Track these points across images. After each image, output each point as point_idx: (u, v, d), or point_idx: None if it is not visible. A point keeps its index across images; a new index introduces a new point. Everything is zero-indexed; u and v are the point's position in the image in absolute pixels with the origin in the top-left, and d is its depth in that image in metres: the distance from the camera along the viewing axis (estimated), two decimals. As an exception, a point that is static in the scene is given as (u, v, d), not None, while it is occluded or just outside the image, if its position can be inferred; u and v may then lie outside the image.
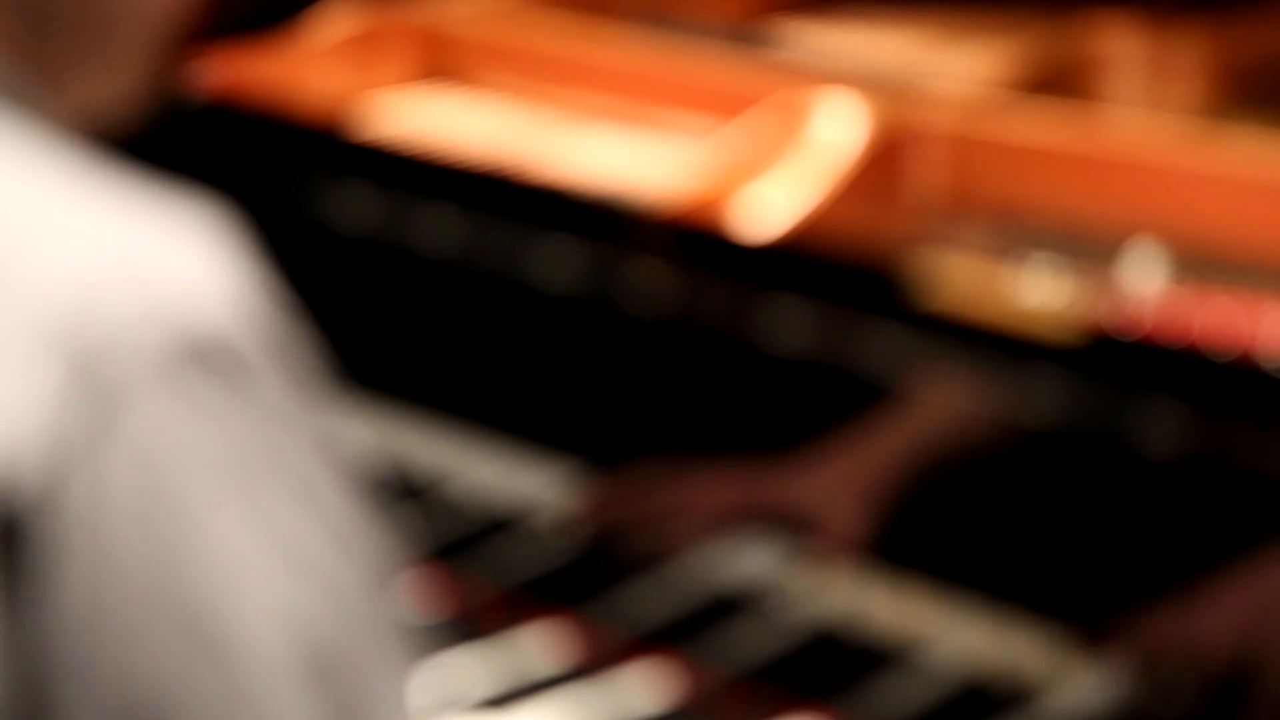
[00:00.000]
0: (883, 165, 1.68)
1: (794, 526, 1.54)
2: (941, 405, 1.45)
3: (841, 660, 1.53)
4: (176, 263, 0.92)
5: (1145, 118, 1.79)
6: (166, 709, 0.90)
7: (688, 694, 1.55)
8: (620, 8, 2.02)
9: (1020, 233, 1.68)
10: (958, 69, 1.87)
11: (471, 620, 1.64)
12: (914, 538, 1.49)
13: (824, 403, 1.51)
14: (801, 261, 1.57)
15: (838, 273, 1.54)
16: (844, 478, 1.50)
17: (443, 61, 1.97)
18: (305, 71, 1.92)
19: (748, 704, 1.54)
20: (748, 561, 1.57)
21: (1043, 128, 1.67)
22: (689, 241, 1.61)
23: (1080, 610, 1.42)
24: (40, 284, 0.90)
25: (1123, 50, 1.82)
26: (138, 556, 0.89)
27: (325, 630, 0.92)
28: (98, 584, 0.89)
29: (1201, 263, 1.60)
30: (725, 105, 1.77)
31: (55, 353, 0.89)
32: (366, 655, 0.94)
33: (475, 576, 1.67)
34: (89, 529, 0.89)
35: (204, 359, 0.90)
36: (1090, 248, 1.64)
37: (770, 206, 1.63)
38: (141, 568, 0.89)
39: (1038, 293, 1.58)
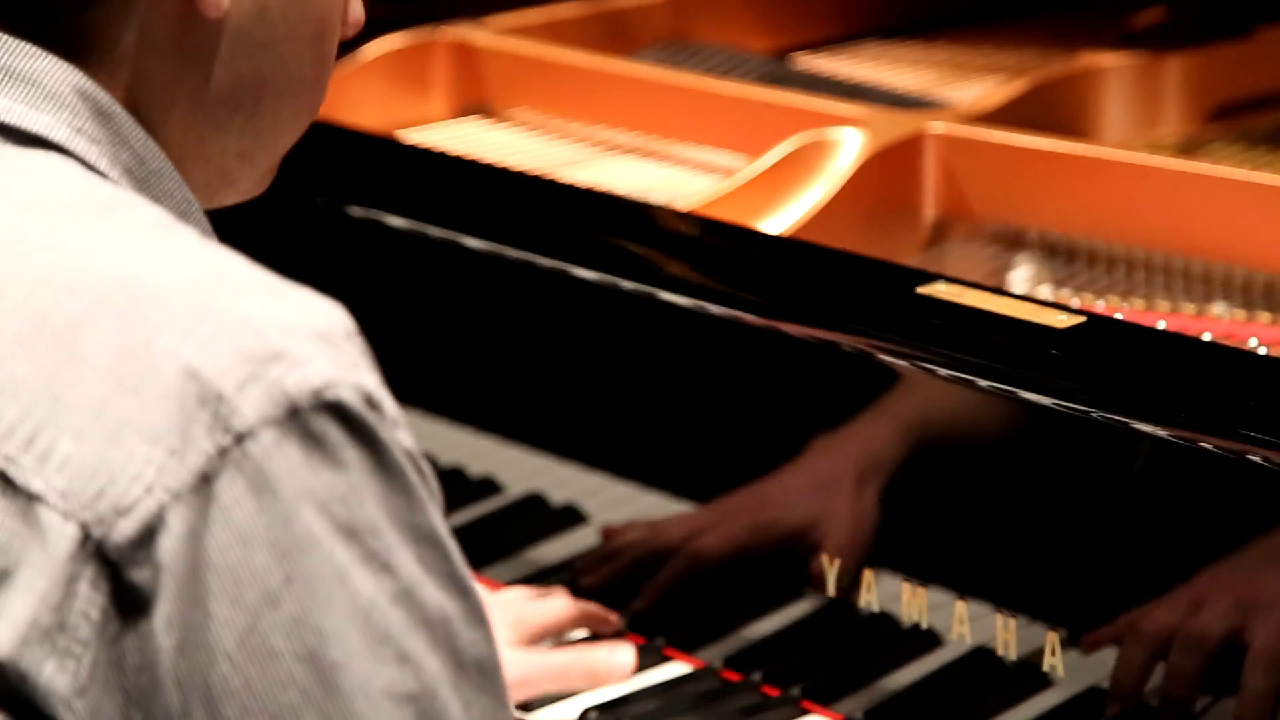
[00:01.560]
0: (891, 178, 1.70)
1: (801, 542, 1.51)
2: (939, 397, 1.43)
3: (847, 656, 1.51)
4: (307, 335, 0.93)
5: (1132, 138, 1.83)
6: (277, 716, 0.90)
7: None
8: (646, 36, 2.05)
9: (1013, 241, 1.71)
10: (963, 96, 1.91)
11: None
12: (903, 528, 1.48)
13: (830, 393, 1.49)
14: (811, 255, 1.57)
15: (843, 267, 1.54)
16: (844, 469, 1.48)
17: (477, 79, 1.98)
18: (347, 87, 1.91)
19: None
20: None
21: (1036, 147, 1.69)
22: (705, 237, 1.61)
23: (1067, 601, 1.40)
24: (187, 337, 0.92)
25: (1112, 81, 1.85)
26: (259, 576, 0.91)
27: (433, 672, 0.93)
28: (225, 604, 0.90)
29: (1181, 269, 1.63)
30: (749, 135, 1.78)
31: (188, 394, 0.91)
32: (468, 695, 0.95)
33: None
34: (213, 550, 0.90)
35: (329, 411, 0.92)
36: (1077, 254, 1.67)
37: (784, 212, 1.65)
38: (261, 590, 0.90)
39: (1029, 289, 1.62)
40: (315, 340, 0.93)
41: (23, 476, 0.92)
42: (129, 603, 0.91)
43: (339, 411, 0.92)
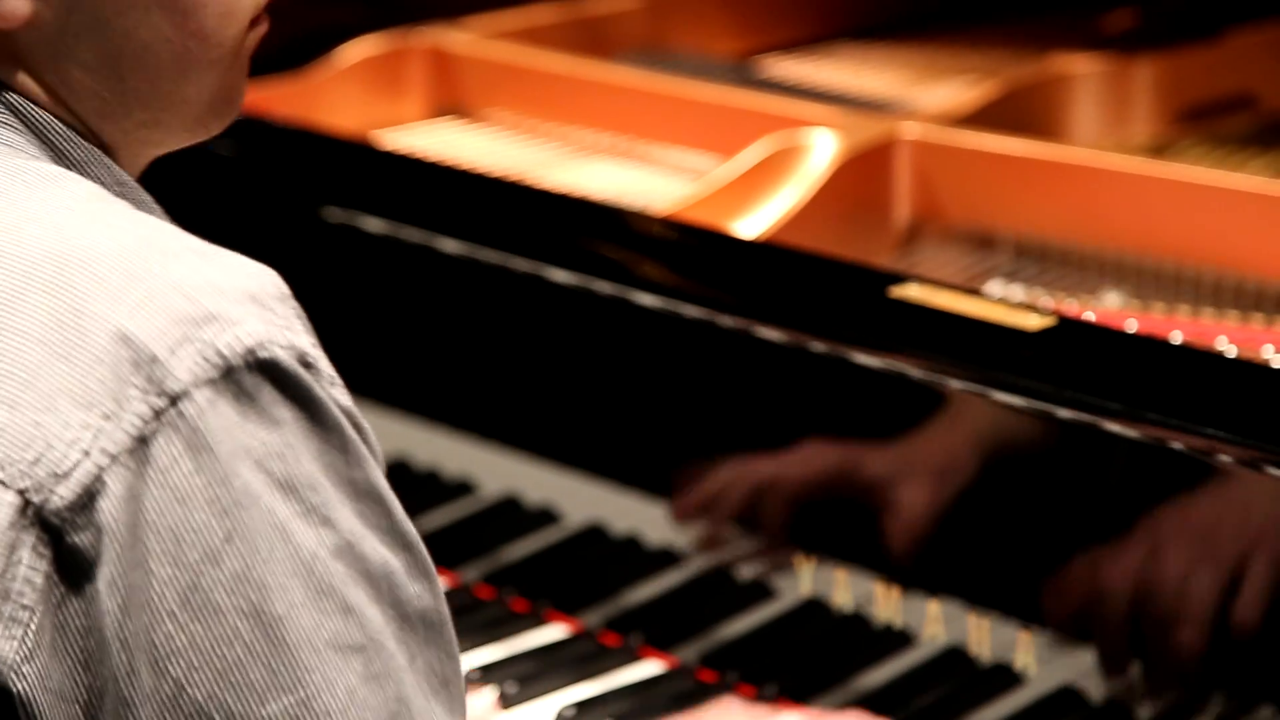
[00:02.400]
0: (863, 181, 1.70)
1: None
2: (911, 398, 1.42)
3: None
4: (238, 296, 0.94)
5: (1103, 141, 1.83)
6: (224, 673, 0.91)
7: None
8: (621, 42, 2.06)
9: (985, 242, 1.71)
10: (934, 99, 1.92)
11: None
12: (875, 527, 1.47)
13: (802, 395, 1.49)
14: (784, 258, 1.57)
15: (817, 269, 1.54)
16: (816, 469, 1.48)
17: (453, 82, 1.98)
18: (325, 90, 1.93)
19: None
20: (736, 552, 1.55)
21: (1007, 150, 1.69)
22: (679, 240, 1.62)
23: (1039, 600, 1.40)
24: (118, 302, 0.92)
25: (1083, 84, 1.86)
26: (200, 534, 0.91)
27: (377, 624, 0.94)
28: (167, 564, 0.91)
29: (1152, 270, 1.64)
30: (722, 138, 1.79)
31: (121, 359, 0.91)
32: (413, 648, 0.95)
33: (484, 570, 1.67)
34: (152, 510, 0.91)
35: (262, 370, 0.92)
36: (1047, 254, 1.68)
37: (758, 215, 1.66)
38: (202, 548, 0.91)
39: (1000, 291, 1.63)
40: (247, 301, 0.94)
41: None
42: (72, 567, 0.91)
43: (272, 370, 0.93)
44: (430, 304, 1.70)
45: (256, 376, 0.92)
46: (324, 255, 1.74)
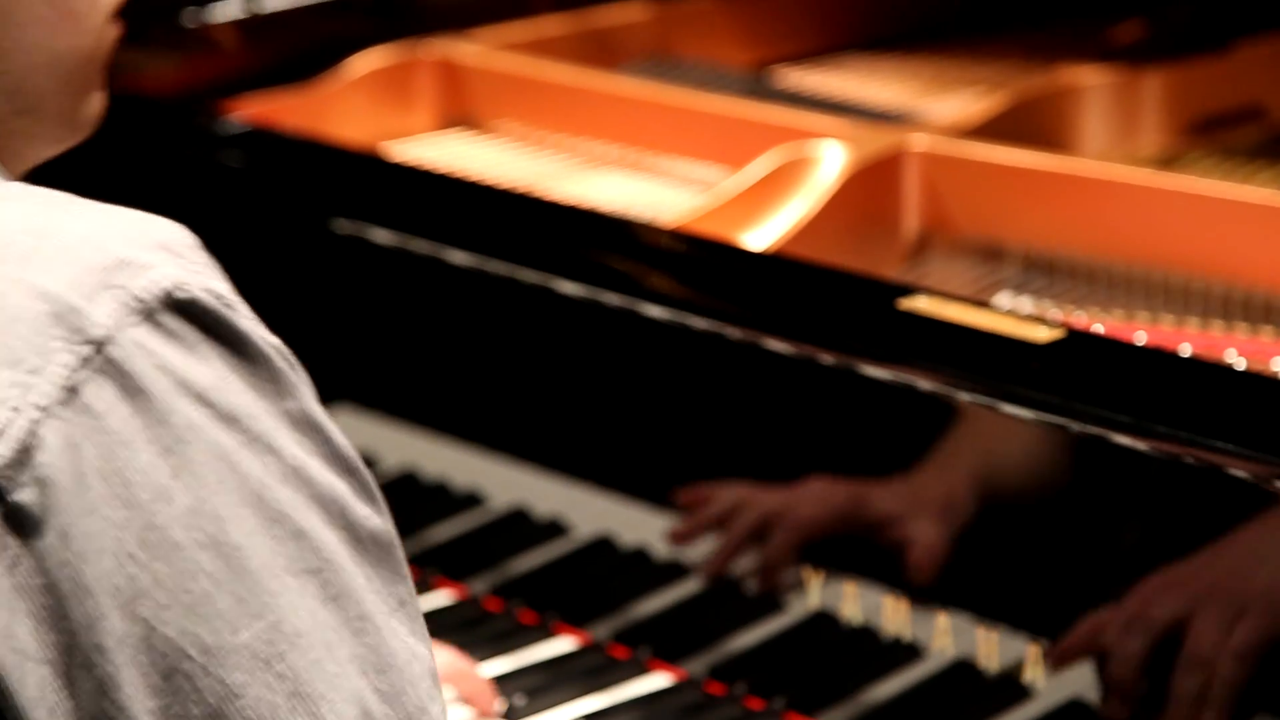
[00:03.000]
0: (872, 193, 1.70)
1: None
2: (920, 410, 1.42)
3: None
4: (149, 244, 0.94)
5: (1112, 153, 1.83)
6: (192, 607, 0.91)
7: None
8: (629, 53, 2.06)
9: (994, 254, 1.71)
10: (943, 111, 1.92)
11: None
12: (884, 540, 1.47)
13: (811, 407, 1.49)
14: (793, 270, 1.57)
15: (824, 282, 1.54)
16: (824, 481, 1.48)
17: (462, 94, 1.99)
18: (332, 102, 1.93)
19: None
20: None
21: (1016, 162, 1.69)
22: (688, 252, 1.62)
23: (1047, 613, 1.40)
24: (29, 262, 0.93)
25: (1092, 95, 1.86)
26: (147, 472, 0.91)
27: (331, 545, 0.94)
28: (119, 507, 0.91)
29: (1161, 283, 1.64)
30: (731, 149, 1.79)
31: (39, 314, 0.92)
32: (367, 568, 0.95)
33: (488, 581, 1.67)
34: (94, 456, 0.91)
35: (182, 310, 0.93)
36: (1057, 267, 1.68)
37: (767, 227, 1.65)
38: (152, 487, 0.91)
39: (1010, 301, 1.62)
40: (158, 249, 0.94)
41: None
42: (20, 524, 0.91)
43: (192, 308, 0.93)
44: (439, 316, 1.71)
45: (178, 316, 0.93)
46: (332, 267, 1.74)
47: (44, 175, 1.20)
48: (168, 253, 0.94)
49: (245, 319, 0.95)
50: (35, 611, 0.91)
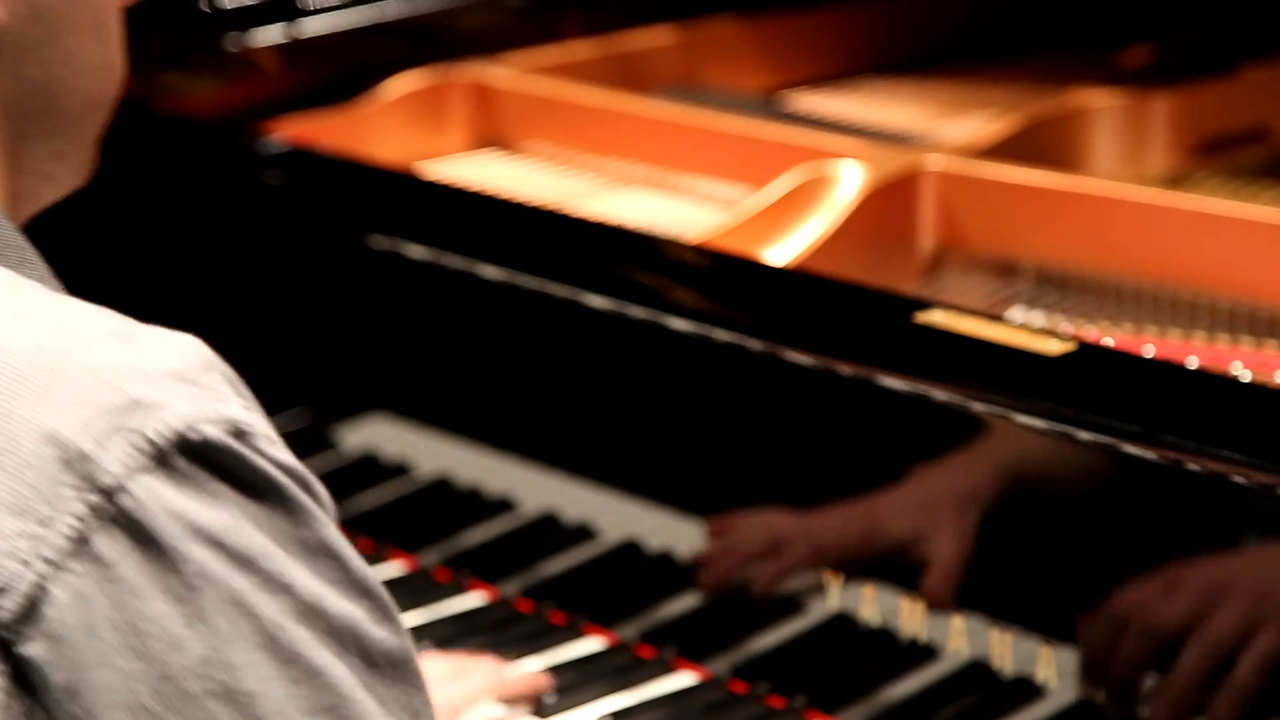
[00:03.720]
0: (889, 211, 1.70)
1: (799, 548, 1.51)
2: (935, 420, 1.42)
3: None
4: (162, 377, 0.90)
5: (1121, 173, 1.83)
6: None
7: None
8: (655, 77, 2.06)
9: (1007, 270, 1.71)
10: (958, 132, 1.92)
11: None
12: (901, 544, 1.47)
13: (830, 417, 1.49)
14: (812, 285, 1.57)
15: (845, 296, 1.54)
16: (843, 487, 1.48)
17: (493, 115, 1.98)
18: (369, 123, 1.93)
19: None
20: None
21: (1028, 181, 1.69)
22: (711, 267, 1.62)
23: (1059, 616, 1.39)
24: (41, 401, 0.89)
25: (1101, 117, 1.86)
26: (159, 624, 0.88)
27: (346, 680, 0.91)
28: (131, 659, 0.88)
29: (1169, 298, 1.63)
30: (753, 169, 1.79)
31: (49, 459, 0.88)
32: (381, 691, 0.93)
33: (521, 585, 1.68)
34: (105, 609, 0.88)
35: (194, 452, 0.89)
36: (1068, 282, 1.67)
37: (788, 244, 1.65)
38: (165, 638, 0.88)
39: (1023, 315, 1.62)
40: (171, 381, 0.90)
41: None
42: (29, 679, 0.88)
43: (205, 449, 0.89)
44: (471, 328, 1.71)
45: (190, 458, 0.89)
46: (369, 281, 1.75)
47: (97, 196, 1.20)
48: (182, 383, 0.90)
49: (259, 448, 0.91)
50: None
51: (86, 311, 0.94)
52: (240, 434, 0.91)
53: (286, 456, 0.92)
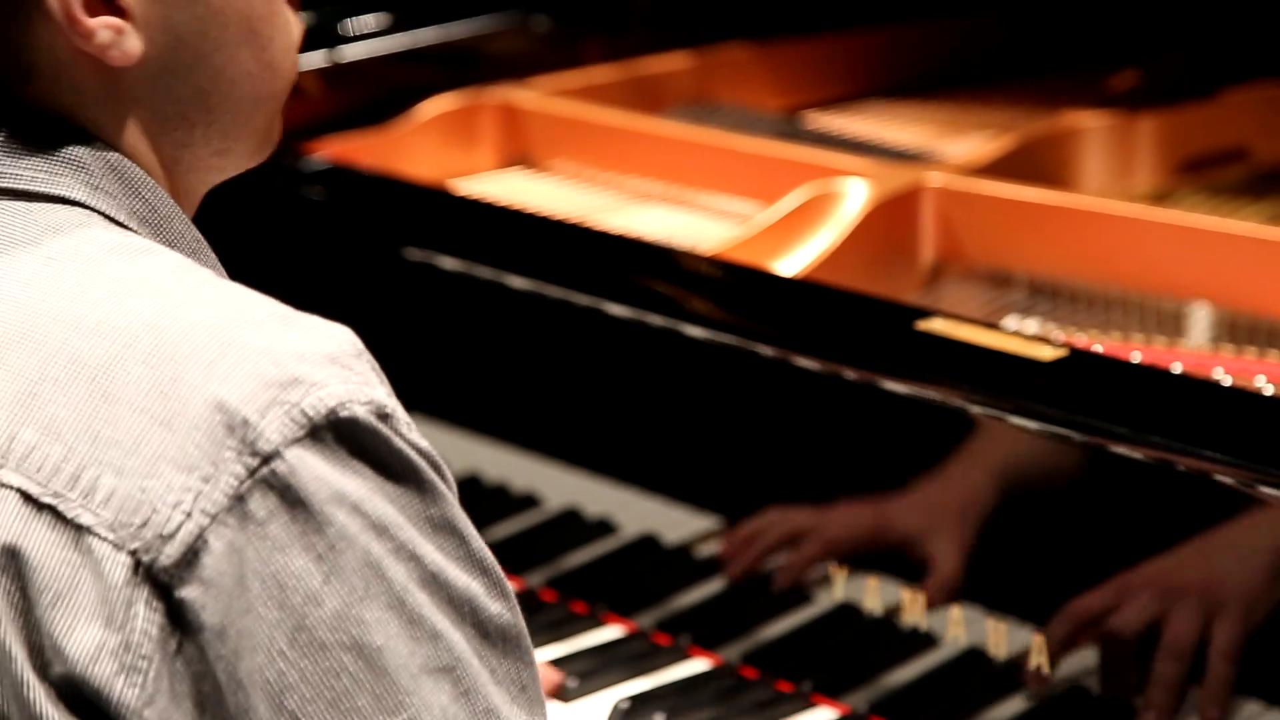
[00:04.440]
0: (892, 225, 1.70)
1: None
2: (935, 421, 1.41)
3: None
4: (319, 359, 0.93)
5: (1109, 189, 1.82)
6: (334, 702, 0.91)
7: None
8: (672, 98, 2.06)
9: (1003, 280, 1.70)
10: (957, 151, 1.91)
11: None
12: (902, 538, 1.47)
13: (836, 418, 1.49)
14: (820, 294, 1.57)
15: (850, 305, 1.54)
16: (848, 485, 1.48)
17: (521, 135, 1.98)
18: (406, 142, 1.93)
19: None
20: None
21: (1023, 197, 1.69)
22: (725, 278, 1.62)
23: (1051, 606, 1.39)
24: (211, 370, 0.92)
25: (1091, 138, 1.85)
26: (301, 578, 0.91)
27: (461, 645, 0.93)
28: (273, 608, 0.90)
29: (1154, 307, 1.63)
30: (764, 185, 1.79)
31: (216, 424, 0.91)
32: (493, 662, 0.95)
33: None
34: (255, 561, 0.90)
35: (343, 427, 0.92)
36: (1060, 292, 1.67)
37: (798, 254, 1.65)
38: (304, 591, 0.91)
39: (1018, 323, 1.62)
40: (327, 363, 0.93)
41: (71, 511, 0.91)
42: (183, 618, 0.91)
43: (353, 426, 0.92)
44: (500, 335, 1.71)
45: (339, 433, 0.92)
46: (404, 291, 1.75)
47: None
48: (336, 366, 0.93)
49: (399, 431, 0.94)
50: (193, 696, 0.91)
51: (253, 297, 0.97)
52: (384, 416, 0.93)
53: (421, 441, 0.95)
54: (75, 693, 0.91)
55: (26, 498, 0.91)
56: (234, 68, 1.03)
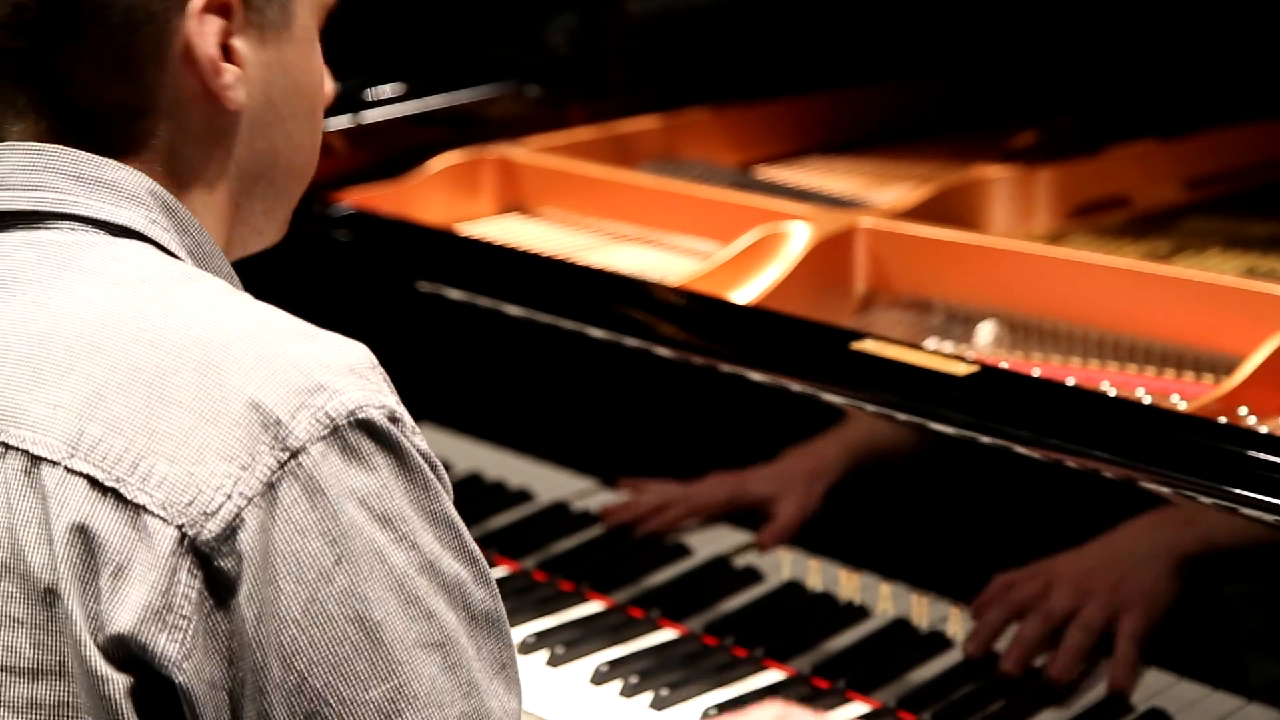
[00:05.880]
0: (831, 261, 1.70)
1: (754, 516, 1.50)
2: (867, 427, 1.42)
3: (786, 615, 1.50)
4: (341, 369, 0.94)
5: (1012, 231, 1.83)
6: (336, 666, 0.91)
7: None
8: (644, 153, 2.06)
9: (924, 308, 1.70)
10: (885, 198, 1.91)
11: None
12: (840, 525, 1.47)
13: (784, 425, 1.49)
14: (770, 319, 1.57)
15: (795, 328, 1.54)
16: (794, 482, 1.47)
17: (516, 186, 1.97)
18: (417, 192, 1.92)
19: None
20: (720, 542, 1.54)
21: (941, 236, 1.69)
22: (689, 306, 1.61)
23: (965, 582, 1.39)
24: (250, 377, 0.92)
25: (998, 187, 1.85)
26: (315, 558, 0.91)
27: (452, 624, 0.93)
28: (291, 582, 0.90)
29: (1050, 329, 1.63)
30: (722, 227, 1.78)
31: (253, 422, 0.91)
32: (479, 641, 0.95)
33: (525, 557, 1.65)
34: (279, 540, 0.90)
35: (363, 427, 0.92)
36: (971, 317, 1.66)
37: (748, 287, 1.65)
38: (318, 569, 0.91)
39: (936, 343, 1.62)
40: (347, 373, 0.93)
41: (130, 493, 0.92)
42: (219, 584, 0.91)
43: (369, 427, 0.92)
44: (498, 355, 1.70)
45: (357, 433, 0.92)
46: (417, 318, 1.74)
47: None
48: (355, 376, 0.93)
49: (407, 434, 0.94)
50: (222, 652, 0.91)
51: (284, 316, 0.97)
52: (395, 420, 0.94)
53: (424, 444, 0.95)
54: (124, 651, 0.91)
55: (94, 483, 0.92)
56: (298, 137, 1.05)
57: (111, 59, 0.98)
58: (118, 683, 0.90)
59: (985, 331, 1.59)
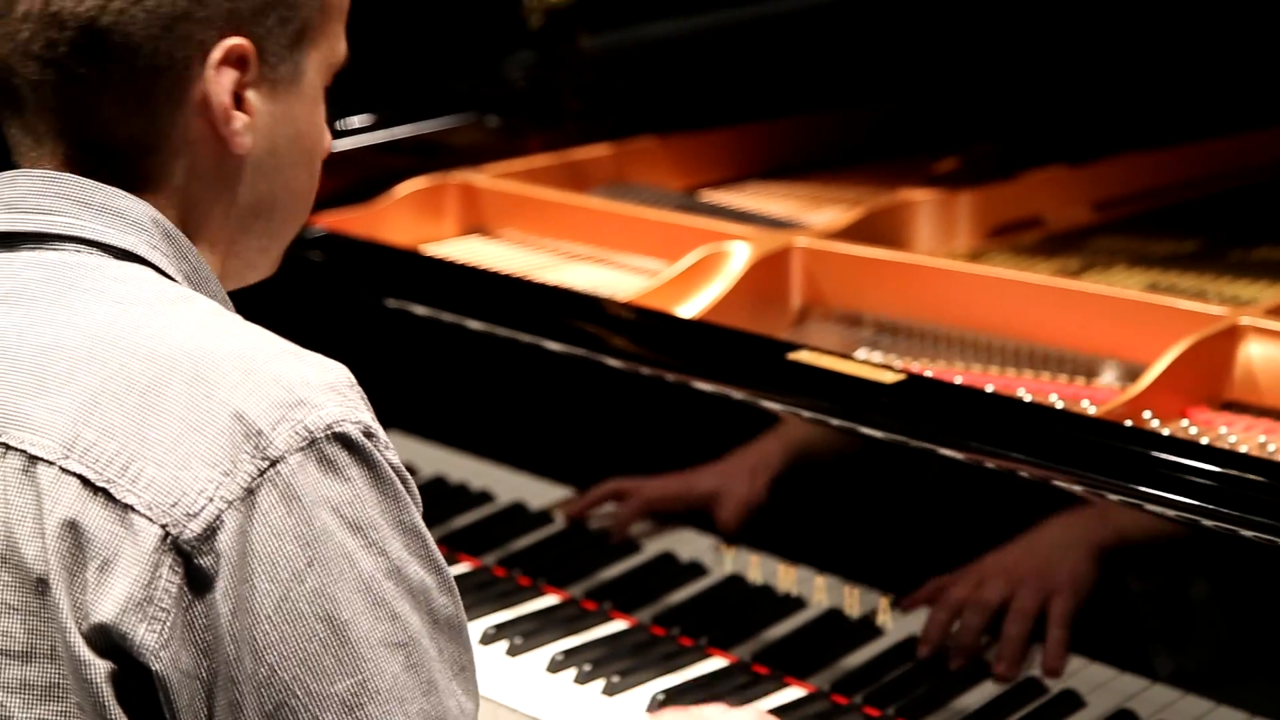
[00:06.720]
0: (769, 278, 1.70)
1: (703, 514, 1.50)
2: (803, 432, 1.43)
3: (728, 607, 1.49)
4: (320, 386, 0.94)
5: (936, 249, 1.83)
6: (304, 660, 0.90)
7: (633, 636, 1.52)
8: (596, 179, 2.06)
9: (855, 321, 1.70)
10: (819, 219, 1.92)
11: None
12: (778, 523, 1.47)
13: (726, 430, 1.49)
14: (713, 332, 1.57)
15: (736, 340, 1.54)
16: (736, 483, 1.48)
17: (477, 209, 1.96)
18: (385, 215, 1.91)
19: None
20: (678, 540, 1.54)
21: (870, 255, 1.69)
22: (638, 320, 1.61)
23: (894, 575, 1.40)
24: (235, 391, 0.92)
25: (922, 209, 1.85)
26: (289, 560, 0.91)
27: (415, 627, 0.93)
28: (265, 581, 0.90)
29: (972, 340, 1.63)
30: (668, 247, 1.78)
31: (236, 432, 0.91)
32: (440, 644, 0.94)
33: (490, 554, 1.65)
34: (256, 542, 0.90)
35: (339, 440, 0.92)
36: (898, 329, 1.67)
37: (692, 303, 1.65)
38: (291, 570, 0.90)
39: (866, 354, 1.62)
40: (327, 390, 0.93)
41: (120, 493, 0.92)
42: (197, 581, 0.91)
43: (345, 440, 0.92)
44: (461, 367, 1.69)
45: (334, 446, 0.92)
46: (385, 332, 1.73)
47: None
48: (333, 393, 0.93)
49: (381, 448, 0.94)
50: (197, 643, 0.91)
51: (269, 336, 0.97)
52: (370, 435, 0.93)
53: (396, 459, 0.95)
54: (106, 639, 0.91)
55: (85, 482, 0.92)
56: (296, 183, 1.05)
57: (133, 98, 0.99)
58: (99, 668, 0.90)
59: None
